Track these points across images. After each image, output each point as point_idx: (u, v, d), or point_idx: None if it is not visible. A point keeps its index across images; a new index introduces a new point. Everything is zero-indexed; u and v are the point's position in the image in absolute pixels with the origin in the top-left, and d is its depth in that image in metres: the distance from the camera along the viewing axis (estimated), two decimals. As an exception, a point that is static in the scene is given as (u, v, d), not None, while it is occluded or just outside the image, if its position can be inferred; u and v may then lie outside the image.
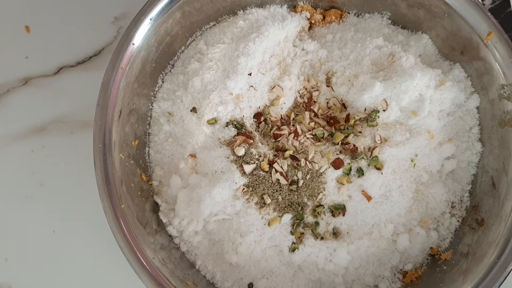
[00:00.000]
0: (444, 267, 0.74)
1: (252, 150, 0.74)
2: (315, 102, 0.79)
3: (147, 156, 0.79)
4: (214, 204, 0.71)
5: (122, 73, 0.70)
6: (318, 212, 0.73)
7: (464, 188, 0.78)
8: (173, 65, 0.81)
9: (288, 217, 0.73)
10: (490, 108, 0.75)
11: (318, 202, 0.74)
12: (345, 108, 0.78)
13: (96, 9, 0.91)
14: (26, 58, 0.90)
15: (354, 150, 0.75)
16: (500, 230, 0.69)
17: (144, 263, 0.66)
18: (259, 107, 0.78)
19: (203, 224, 0.74)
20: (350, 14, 0.83)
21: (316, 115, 0.79)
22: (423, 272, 0.76)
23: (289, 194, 0.73)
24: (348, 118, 0.77)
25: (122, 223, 0.67)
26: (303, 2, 0.82)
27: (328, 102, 0.79)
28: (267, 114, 0.78)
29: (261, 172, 0.73)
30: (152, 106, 0.79)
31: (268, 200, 0.73)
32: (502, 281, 0.67)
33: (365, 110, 0.77)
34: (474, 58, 0.75)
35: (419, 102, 0.75)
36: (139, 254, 0.66)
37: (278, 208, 0.73)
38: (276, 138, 0.77)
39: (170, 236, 0.76)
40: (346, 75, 0.78)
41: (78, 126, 0.88)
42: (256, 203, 0.73)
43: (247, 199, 0.72)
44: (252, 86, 0.76)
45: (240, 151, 0.73)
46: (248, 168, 0.72)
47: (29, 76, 0.89)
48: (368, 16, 0.83)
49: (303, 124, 0.78)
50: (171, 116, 0.78)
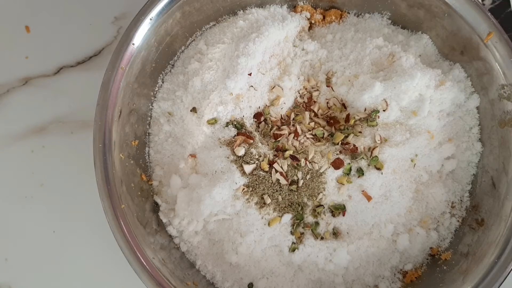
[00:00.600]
0: (444, 267, 0.74)
1: (252, 150, 0.74)
2: (315, 102, 0.79)
3: (147, 156, 0.79)
4: (214, 204, 0.71)
5: (122, 73, 0.70)
6: (318, 212, 0.73)
7: (464, 188, 0.78)
8: (173, 65, 0.81)
9: (288, 217, 0.73)
10: (490, 108, 0.75)
11: (318, 202, 0.74)
12: (345, 108, 0.78)
13: (96, 9, 0.91)
14: (26, 58, 0.90)
15: (354, 150, 0.75)
16: (500, 230, 0.69)
17: (144, 263, 0.66)
18: (259, 107, 0.78)
19: (203, 224, 0.74)
20: (350, 14, 0.83)
21: (316, 115, 0.79)
22: (423, 272, 0.76)
23: (289, 194, 0.73)
24: (348, 118, 0.77)
25: (122, 223, 0.67)
26: (303, 2, 0.82)
27: (328, 102, 0.79)
28: (267, 114, 0.78)
29: (261, 172, 0.73)
30: (152, 106, 0.79)
31: (268, 200, 0.73)
32: (502, 281, 0.67)
33: (365, 110, 0.77)
34: (474, 58, 0.75)
35: (419, 102, 0.75)
36: (139, 254, 0.66)
37: (278, 208, 0.73)
38: (276, 138, 0.77)
39: (170, 236, 0.76)
40: (346, 75, 0.78)
41: (78, 126, 0.88)
42: (256, 203, 0.73)
43: (247, 199, 0.72)
44: (252, 86, 0.77)
45: (240, 151, 0.73)
46: (248, 168, 0.72)
47: (29, 76, 0.89)
48: (368, 16, 0.83)
49: (303, 124, 0.78)
50: (171, 116, 0.78)
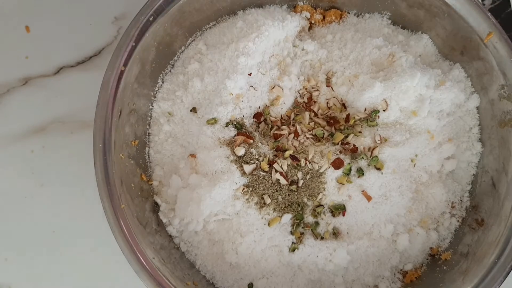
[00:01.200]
0: (444, 267, 0.74)
1: (252, 150, 0.74)
2: (315, 102, 0.79)
3: (147, 156, 0.78)
4: (214, 204, 0.71)
5: (122, 73, 0.70)
6: (318, 212, 0.73)
7: (464, 188, 0.78)
8: (173, 65, 0.81)
9: (288, 217, 0.73)
10: (490, 108, 0.75)
11: (318, 202, 0.74)
12: (345, 108, 0.78)
13: (96, 9, 0.91)
14: (26, 58, 0.90)
15: (354, 150, 0.75)
16: (500, 230, 0.69)
17: (144, 263, 0.66)
18: (259, 107, 0.78)
19: (203, 224, 0.74)
20: (350, 14, 0.83)
21: (316, 115, 0.79)
22: (423, 272, 0.76)
23: (289, 194, 0.73)
24: (348, 118, 0.77)
25: (122, 223, 0.67)
26: (303, 2, 0.82)
27: (328, 102, 0.79)
28: (267, 114, 0.78)
29: (261, 172, 0.73)
30: (152, 106, 0.79)
31: (268, 200, 0.72)
32: (502, 281, 0.67)
33: (365, 110, 0.77)
34: (474, 58, 0.75)
35: (419, 102, 0.75)
36: (139, 254, 0.66)
37: (278, 208, 0.73)
38: (276, 138, 0.76)
39: (170, 236, 0.76)
40: (346, 75, 0.78)
41: (78, 126, 0.88)
42: (256, 203, 0.73)
43: (247, 199, 0.72)
44: (252, 86, 0.77)
45: (240, 151, 0.73)
46: (248, 168, 0.72)
47: (29, 76, 0.89)
48: (368, 16, 0.83)
49: (303, 124, 0.78)
50: (171, 116, 0.78)
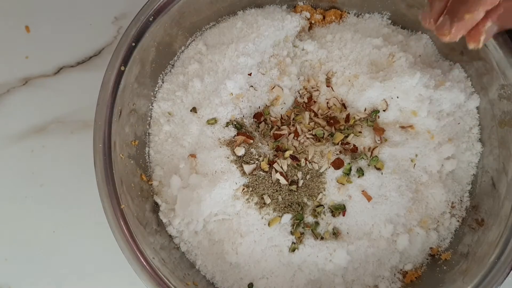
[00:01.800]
0: (444, 267, 0.74)
1: (252, 150, 0.74)
2: (315, 102, 0.79)
3: (147, 156, 0.78)
4: (214, 204, 0.71)
5: (122, 73, 0.70)
6: (318, 212, 0.73)
7: (464, 188, 0.78)
8: (173, 65, 0.81)
9: (288, 217, 0.73)
10: (490, 108, 0.75)
11: (318, 202, 0.74)
12: (345, 108, 0.78)
13: (96, 9, 0.91)
14: (26, 58, 0.90)
15: (354, 150, 0.75)
16: (500, 230, 0.69)
17: (144, 263, 0.66)
18: (259, 107, 0.78)
19: (203, 224, 0.74)
20: (350, 14, 0.83)
21: (316, 115, 0.79)
22: (423, 272, 0.76)
23: (289, 194, 0.73)
24: (348, 118, 0.77)
25: (122, 223, 0.67)
26: (303, 2, 0.82)
27: (328, 102, 0.79)
28: (267, 114, 0.78)
29: (261, 172, 0.73)
30: (152, 106, 0.79)
31: (268, 200, 0.73)
32: (502, 281, 0.67)
33: (365, 110, 0.77)
34: (474, 58, 0.75)
35: (419, 102, 0.75)
36: (139, 254, 0.66)
37: (278, 208, 0.73)
38: (276, 138, 0.77)
39: (170, 236, 0.76)
40: (346, 75, 0.78)
41: (78, 126, 0.88)
42: (256, 203, 0.73)
43: (247, 199, 0.72)
44: (252, 86, 0.77)
45: (240, 151, 0.73)
46: (248, 168, 0.72)
47: (29, 76, 0.89)
48: (368, 16, 0.82)
49: (303, 124, 0.78)
50: (171, 116, 0.78)
